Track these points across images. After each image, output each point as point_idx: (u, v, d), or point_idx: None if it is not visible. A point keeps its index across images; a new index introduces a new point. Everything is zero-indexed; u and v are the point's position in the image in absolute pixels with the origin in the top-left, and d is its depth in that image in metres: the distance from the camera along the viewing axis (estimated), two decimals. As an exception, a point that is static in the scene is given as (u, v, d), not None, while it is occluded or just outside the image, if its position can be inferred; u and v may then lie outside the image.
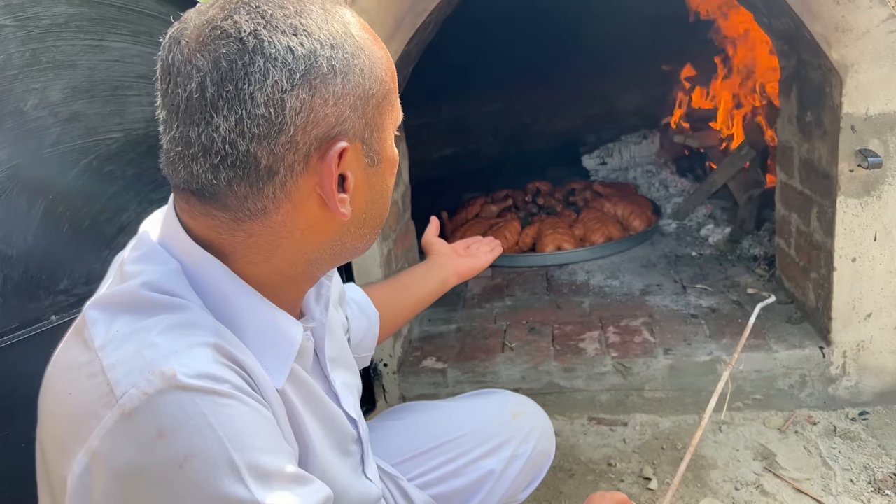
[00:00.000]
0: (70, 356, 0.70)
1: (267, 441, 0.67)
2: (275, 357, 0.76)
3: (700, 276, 2.58)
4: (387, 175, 0.79)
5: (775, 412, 2.04)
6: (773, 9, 1.89)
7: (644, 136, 3.93)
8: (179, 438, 0.62)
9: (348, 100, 0.70)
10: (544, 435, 1.39)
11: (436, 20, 2.09)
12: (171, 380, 0.63)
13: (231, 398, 0.65)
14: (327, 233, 0.76)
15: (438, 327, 2.43)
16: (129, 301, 0.71)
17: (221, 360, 0.68)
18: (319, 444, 0.84)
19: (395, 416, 1.36)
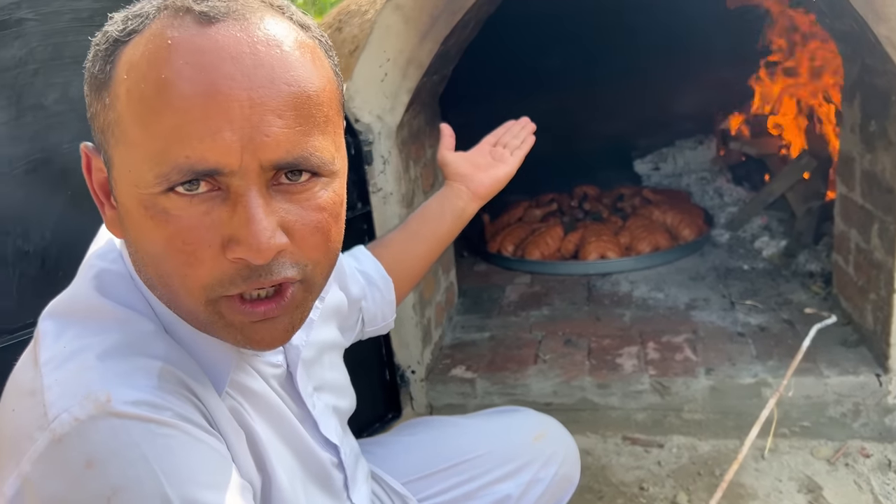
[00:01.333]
0: (21, 369, 0.67)
1: (210, 475, 0.62)
2: (214, 363, 0.71)
3: (750, 292, 2.45)
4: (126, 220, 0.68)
5: (825, 442, 1.91)
6: (835, 9, 1.76)
7: (700, 141, 3.78)
8: (109, 470, 0.57)
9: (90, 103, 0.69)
10: (568, 460, 1.30)
11: (476, 18, 2.02)
12: (105, 406, 0.58)
13: (171, 427, 0.60)
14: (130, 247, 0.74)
15: (471, 335, 2.36)
16: (81, 309, 0.68)
17: (167, 386, 0.63)
18: (286, 472, 0.79)
19: (410, 432, 1.30)
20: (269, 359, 0.80)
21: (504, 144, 1.29)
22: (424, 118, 2.17)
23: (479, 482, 1.21)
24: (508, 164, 1.25)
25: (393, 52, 1.82)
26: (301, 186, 0.63)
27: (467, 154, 1.26)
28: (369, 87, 1.84)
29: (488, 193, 1.25)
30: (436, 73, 2.04)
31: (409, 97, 1.85)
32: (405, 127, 1.95)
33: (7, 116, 1.19)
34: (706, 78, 3.87)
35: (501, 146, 1.28)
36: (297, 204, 0.63)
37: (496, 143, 1.29)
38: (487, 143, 1.29)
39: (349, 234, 1.94)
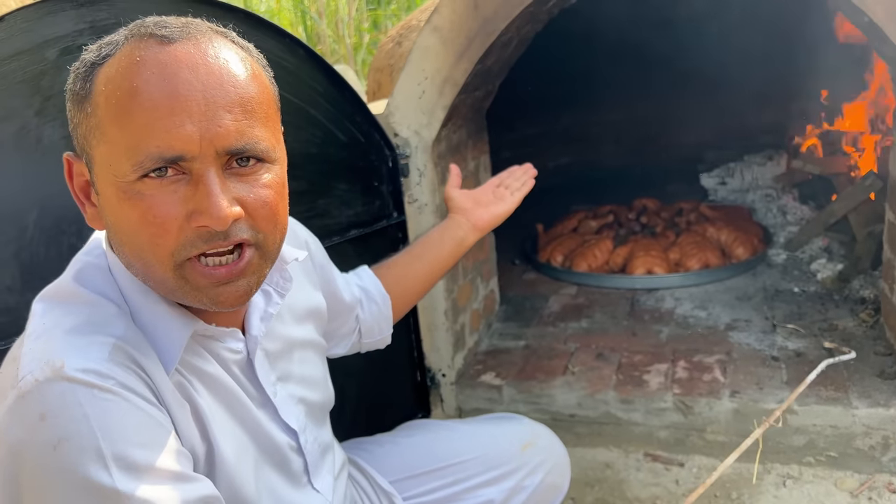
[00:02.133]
0: (17, 341, 0.82)
1: (144, 437, 0.72)
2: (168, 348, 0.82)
3: (795, 316, 2.40)
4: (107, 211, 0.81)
5: (851, 474, 1.87)
6: (878, 35, 1.72)
7: (769, 156, 3.69)
8: (57, 423, 0.69)
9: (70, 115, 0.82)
10: (556, 469, 1.36)
11: (518, 37, 2.09)
12: (59, 371, 0.71)
13: (111, 393, 0.71)
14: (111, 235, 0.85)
15: (506, 342, 2.43)
16: (63, 295, 0.82)
17: (118, 359, 0.75)
18: (231, 445, 0.87)
19: (406, 433, 1.38)
20: (229, 345, 0.90)
21: (506, 186, 1.42)
22: (466, 132, 2.25)
23: (463, 485, 1.28)
24: (508, 203, 1.40)
25: (430, 71, 1.91)
26: (249, 170, 0.78)
27: (471, 192, 1.41)
28: (407, 103, 1.94)
29: (487, 226, 1.39)
30: (476, 89, 2.12)
31: (444, 113, 1.93)
32: (442, 141, 2.04)
33: (67, 131, 1.36)
34: (786, 92, 3.78)
35: (504, 187, 1.42)
36: (248, 184, 0.78)
37: (499, 184, 1.43)
38: (491, 184, 1.43)
39: (384, 241, 2.04)
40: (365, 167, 1.87)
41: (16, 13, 1.24)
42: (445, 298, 2.10)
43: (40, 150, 1.29)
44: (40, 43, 1.27)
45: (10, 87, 1.23)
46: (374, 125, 1.86)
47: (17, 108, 1.25)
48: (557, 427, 2.07)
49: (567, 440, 2.09)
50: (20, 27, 1.24)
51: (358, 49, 8.39)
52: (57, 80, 1.30)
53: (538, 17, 2.09)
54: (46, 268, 1.33)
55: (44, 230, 1.30)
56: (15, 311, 1.27)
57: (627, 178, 4.13)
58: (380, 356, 1.96)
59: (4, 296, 1.26)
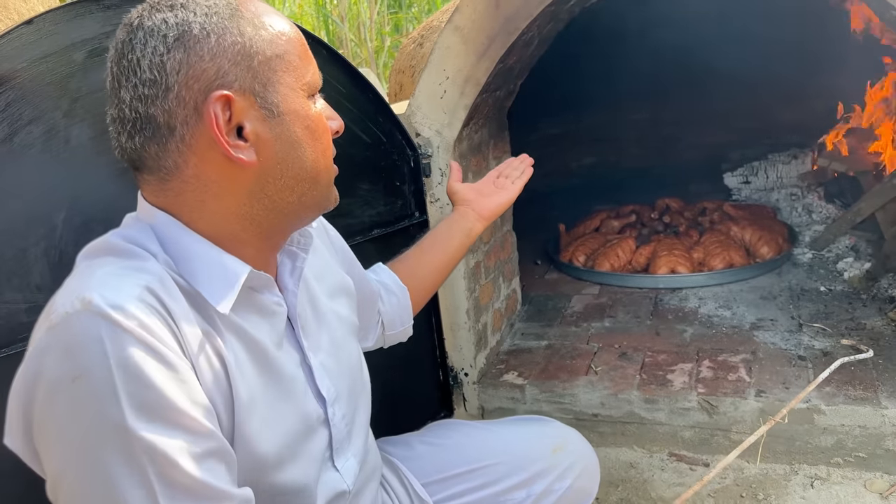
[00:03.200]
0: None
1: (159, 382, 0.73)
2: (221, 286, 0.83)
3: (822, 315, 2.37)
4: (295, 127, 0.85)
5: (880, 475, 1.84)
6: (906, 29, 1.70)
7: (794, 155, 3.65)
8: (78, 356, 0.71)
9: (225, 56, 0.80)
10: (585, 473, 1.34)
11: (540, 37, 2.08)
12: (87, 304, 0.72)
13: (132, 334, 0.72)
14: (242, 184, 0.84)
15: (529, 342, 2.42)
16: (104, 248, 0.84)
17: (147, 301, 0.75)
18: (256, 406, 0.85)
19: (435, 434, 1.36)
20: (273, 298, 0.91)
21: (506, 176, 1.46)
22: (488, 131, 2.26)
23: (494, 489, 1.26)
24: (510, 192, 1.43)
25: (452, 71, 1.91)
26: None
27: (473, 185, 1.45)
28: (429, 103, 1.95)
29: (492, 215, 1.42)
30: (498, 89, 2.12)
31: (466, 113, 1.94)
32: (464, 141, 2.04)
33: (95, 131, 1.38)
34: (812, 89, 3.73)
35: (504, 177, 1.46)
36: None
37: (499, 175, 1.47)
38: (491, 176, 1.47)
39: (406, 240, 2.05)
40: (387, 167, 1.88)
41: (44, 16, 1.27)
42: (467, 298, 2.10)
43: (69, 150, 1.32)
44: (68, 45, 1.29)
45: (38, 88, 1.26)
46: (396, 125, 1.87)
47: (46, 109, 1.27)
48: (581, 427, 2.06)
49: (590, 440, 2.06)
50: (48, 30, 1.27)
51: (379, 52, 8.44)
52: (84, 82, 1.33)
53: (559, 16, 2.09)
54: (75, 266, 1.35)
55: (72, 229, 1.33)
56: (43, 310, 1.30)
57: (650, 178, 4.10)
58: (403, 355, 1.97)
59: (35, 294, 1.28)
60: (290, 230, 0.94)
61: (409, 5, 8.78)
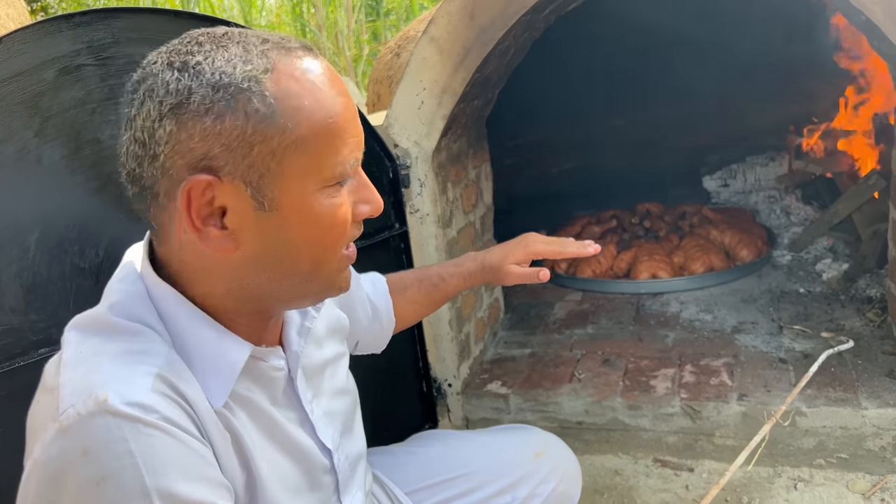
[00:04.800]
0: (48, 369, 0.80)
1: (188, 471, 0.72)
2: (215, 379, 0.80)
3: (802, 317, 2.39)
4: (290, 223, 0.77)
5: (862, 475, 1.85)
6: (876, 34, 1.72)
7: (771, 157, 3.69)
8: (100, 459, 0.68)
9: (219, 139, 0.72)
10: (567, 477, 1.35)
11: (516, 46, 2.09)
12: (103, 404, 0.69)
13: (156, 428, 0.70)
14: (229, 265, 0.78)
15: (512, 350, 2.42)
16: (98, 324, 0.79)
17: (161, 390, 0.73)
18: (272, 475, 0.87)
19: (420, 444, 1.37)
20: (273, 363, 0.89)
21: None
22: (467, 141, 2.26)
23: (478, 495, 1.27)
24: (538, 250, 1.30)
25: (428, 82, 1.91)
26: None
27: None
28: (407, 114, 1.95)
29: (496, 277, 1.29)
30: (475, 98, 2.12)
31: (444, 123, 1.94)
32: (443, 151, 2.04)
33: (67, 150, 1.36)
34: (784, 91, 3.77)
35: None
36: None
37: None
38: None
39: (386, 251, 2.03)
40: (365, 179, 1.87)
41: (13, 34, 1.25)
42: (449, 308, 2.09)
43: (41, 170, 1.30)
44: (38, 64, 1.28)
45: (9, 108, 1.24)
46: (373, 136, 1.86)
47: (17, 129, 1.25)
48: (565, 435, 2.06)
49: (575, 448, 2.08)
50: (18, 48, 1.25)
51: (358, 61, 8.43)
52: (56, 101, 1.31)
53: (535, 26, 2.09)
54: (49, 288, 1.33)
55: (45, 250, 1.31)
56: (18, 332, 1.28)
57: (630, 183, 4.11)
58: (386, 368, 1.96)
59: (8, 316, 1.26)
60: (290, 308, 0.89)
61: (387, 13, 8.79)
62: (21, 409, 0.80)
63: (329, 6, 8.35)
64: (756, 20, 3.39)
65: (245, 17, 8.50)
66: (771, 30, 3.42)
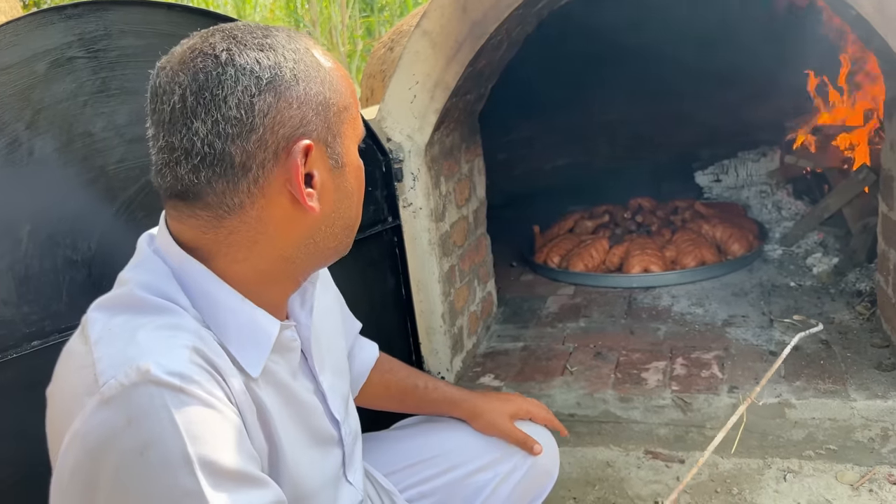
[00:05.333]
0: (72, 350, 0.81)
1: (225, 441, 0.73)
2: (253, 349, 0.84)
3: (792, 310, 2.41)
4: (351, 178, 0.87)
5: (851, 466, 1.87)
6: (864, 28, 1.73)
7: (763, 152, 3.70)
8: (144, 427, 0.69)
9: (310, 105, 0.80)
10: (546, 453, 1.37)
11: (509, 40, 2.10)
12: (146, 374, 0.70)
13: (197, 399, 0.72)
14: (300, 230, 0.84)
15: (505, 344, 2.43)
16: (126, 302, 0.81)
17: (197, 362, 0.75)
18: (292, 444, 0.89)
19: (400, 426, 1.40)
20: (288, 335, 0.91)
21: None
22: (460, 135, 2.26)
23: (459, 472, 1.29)
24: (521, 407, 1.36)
25: (421, 76, 1.92)
26: None
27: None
28: (399, 108, 1.95)
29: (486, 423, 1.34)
30: (468, 92, 2.12)
31: (436, 117, 1.94)
32: (435, 145, 2.05)
33: (59, 143, 1.36)
34: (776, 86, 3.79)
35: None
36: None
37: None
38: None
39: (379, 245, 2.04)
40: (358, 172, 1.87)
41: (5, 27, 1.25)
42: (442, 302, 2.10)
43: (32, 162, 1.30)
44: (30, 56, 1.28)
45: (0, 100, 1.24)
46: (366, 130, 1.86)
47: (9, 121, 1.25)
48: (557, 427, 2.08)
49: (567, 440, 2.09)
50: (9, 41, 1.25)
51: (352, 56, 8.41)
52: (48, 93, 1.31)
53: (528, 20, 2.10)
54: (41, 281, 1.33)
55: (38, 243, 1.31)
56: (10, 325, 1.28)
57: (623, 178, 4.13)
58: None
59: (0, 309, 1.26)
60: (314, 272, 0.95)
61: (381, 9, 8.77)
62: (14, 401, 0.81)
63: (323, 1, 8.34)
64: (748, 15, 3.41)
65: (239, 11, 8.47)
66: (763, 24, 3.44)
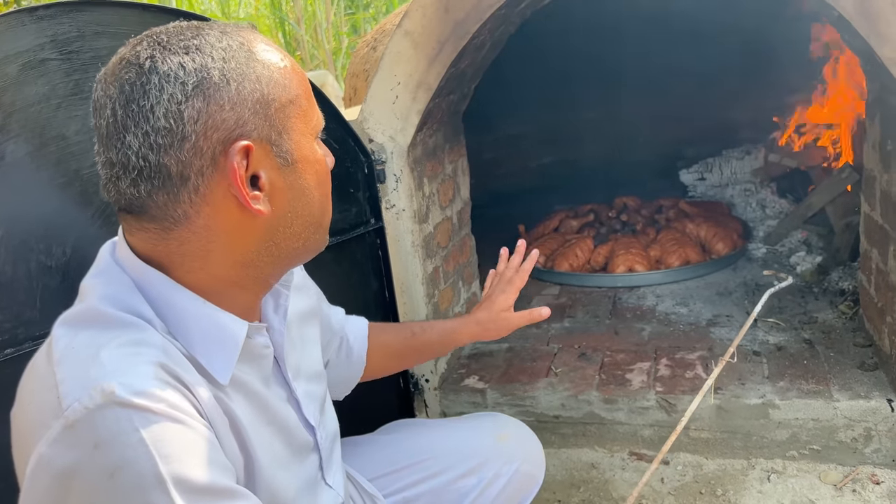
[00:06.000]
0: (36, 368, 0.79)
1: (197, 456, 0.72)
2: (221, 355, 0.82)
3: (776, 309, 2.41)
4: (306, 174, 0.83)
5: (834, 466, 1.88)
6: (848, 29, 1.73)
7: (747, 151, 3.71)
8: (113, 450, 0.68)
9: (245, 104, 0.77)
10: (530, 458, 1.37)
11: (492, 40, 2.08)
12: (110, 396, 0.69)
13: (165, 416, 0.71)
14: (254, 234, 0.82)
15: (490, 345, 2.42)
16: (90, 317, 0.79)
17: (164, 378, 0.74)
18: (267, 453, 0.88)
19: (385, 431, 1.40)
20: (260, 340, 0.90)
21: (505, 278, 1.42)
22: (443, 135, 2.24)
23: (443, 477, 1.29)
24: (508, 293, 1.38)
25: (403, 76, 1.90)
26: None
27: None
28: (381, 108, 1.93)
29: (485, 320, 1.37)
30: (451, 93, 2.11)
31: (419, 118, 1.92)
32: (418, 146, 2.03)
33: (32, 146, 1.33)
34: (760, 85, 3.80)
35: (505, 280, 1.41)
36: None
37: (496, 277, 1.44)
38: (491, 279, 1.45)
39: (362, 247, 2.02)
40: (340, 174, 1.85)
41: (-26, 29, 1.22)
42: (426, 304, 2.09)
43: (4, 167, 1.27)
44: (1, 58, 1.25)
45: (-30, 104, 1.21)
46: (347, 131, 1.84)
47: (-21, 125, 1.22)
48: (542, 429, 2.07)
49: (552, 441, 2.09)
50: (-21, 43, 1.22)
51: (337, 53, 8.37)
52: (19, 96, 1.29)
53: (510, 20, 2.08)
54: (14, 287, 1.30)
55: (11, 249, 1.29)
56: (-18, 332, 1.25)
57: (608, 177, 4.13)
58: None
59: (-29, 317, 1.23)
60: (284, 273, 0.92)
61: (367, 6, 8.73)
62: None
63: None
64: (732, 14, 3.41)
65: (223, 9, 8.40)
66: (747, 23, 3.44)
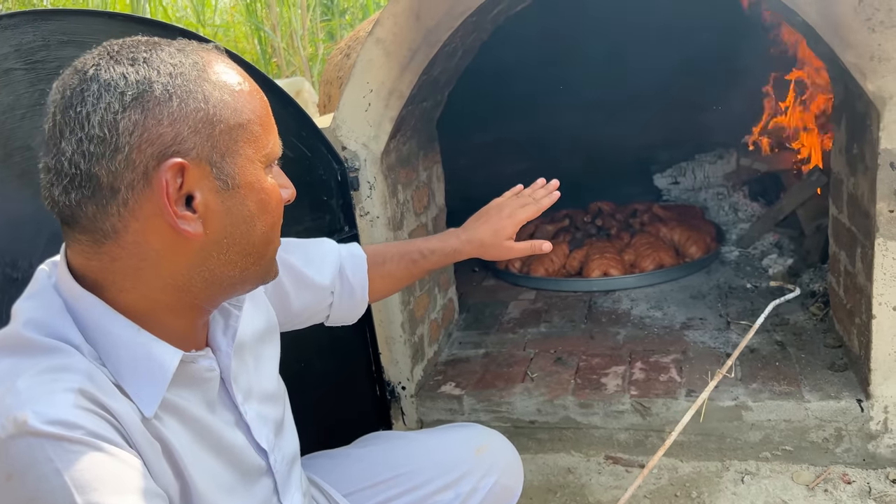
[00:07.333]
0: None
1: (118, 484, 0.70)
2: (148, 385, 0.79)
3: (749, 312, 2.44)
4: (249, 201, 0.81)
5: (807, 466, 1.90)
6: (810, 34, 1.76)
7: (720, 155, 3.75)
8: (26, 482, 0.66)
9: (186, 122, 0.76)
10: (508, 471, 1.36)
11: (464, 47, 2.09)
12: (22, 426, 0.67)
13: (82, 444, 0.69)
14: (185, 256, 0.79)
15: (466, 351, 2.42)
16: (12, 344, 0.77)
17: (83, 405, 0.71)
18: (206, 479, 0.86)
19: (361, 445, 1.38)
20: (203, 364, 0.88)
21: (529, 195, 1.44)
22: (417, 142, 2.25)
23: (421, 492, 1.27)
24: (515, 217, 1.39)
25: (375, 84, 1.90)
26: None
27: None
28: (354, 116, 1.93)
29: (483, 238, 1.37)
30: (424, 100, 2.11)
31: (392, 125, 1.92)
32: (392, 153, 2.03)
33: (-4, 159, 1.31)
34: (733, 90, 3.84)
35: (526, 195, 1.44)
36: None
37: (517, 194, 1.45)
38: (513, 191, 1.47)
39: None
40: (313, 182, 1.85)
41: (-66, 38, 1.20)
42: (401, 311, 2.08)
43: (-33, 179, 1.25)
44: (-37, 69, 1.23)
45: (-70, 115, 1.19)
46: (320, 139, 1.84)
47: (-60, 137, 1.20)
48: (518, 434, 2.08)
49: (528, 447, 2.10)
50: (-61, 53, 1.20)
51: (314, 60, 8.34)
52: (-18, 107, 1.27)
53: (483, 27, 2.09)
54: (-22, 301, 1.28)
55: (-27, 260, 1.26)
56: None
57: (583, 182, 4.15)
58: (337, 372, 1.94)
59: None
60: (224, 300, 0.90)
61: (343, 12, 8.72)
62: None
63: (283, 5, 8.25)
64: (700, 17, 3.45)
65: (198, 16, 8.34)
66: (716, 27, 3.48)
